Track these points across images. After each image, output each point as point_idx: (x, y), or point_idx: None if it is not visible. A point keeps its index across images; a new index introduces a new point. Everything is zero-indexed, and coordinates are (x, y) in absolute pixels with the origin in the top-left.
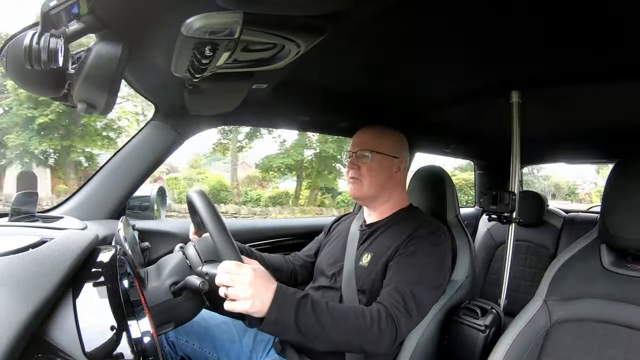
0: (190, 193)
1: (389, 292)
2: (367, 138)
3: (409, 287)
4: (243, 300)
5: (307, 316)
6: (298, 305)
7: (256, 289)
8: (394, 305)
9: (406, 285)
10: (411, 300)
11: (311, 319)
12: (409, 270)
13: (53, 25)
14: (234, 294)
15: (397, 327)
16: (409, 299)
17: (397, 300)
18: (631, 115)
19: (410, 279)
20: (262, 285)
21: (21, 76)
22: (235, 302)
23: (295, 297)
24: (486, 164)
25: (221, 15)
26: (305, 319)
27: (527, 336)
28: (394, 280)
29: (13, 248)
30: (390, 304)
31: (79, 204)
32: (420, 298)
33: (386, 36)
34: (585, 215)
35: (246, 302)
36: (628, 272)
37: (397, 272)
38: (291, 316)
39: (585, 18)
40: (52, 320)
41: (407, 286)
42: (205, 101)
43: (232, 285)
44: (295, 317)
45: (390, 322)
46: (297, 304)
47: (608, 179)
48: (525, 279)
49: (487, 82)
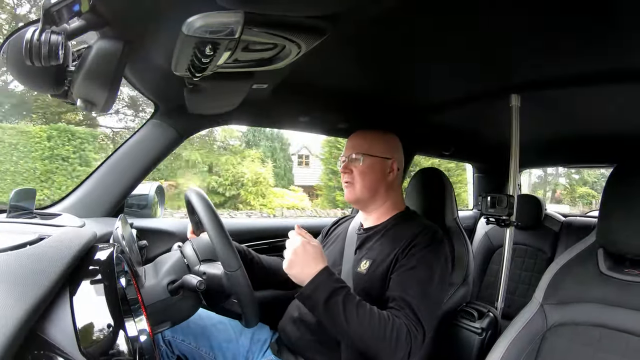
0: (189, 192)
1: (401, 306)
2: (357, 142)
3: (418, 303)
4: (294, 266)
5: (336, 304)
6: (332, 292)
7: (297, 258)
8: (410, 322)
9: (413, 301)
10: (423, 317)
11: (339, 308)
12: (414, 286)
13: (54, 21)
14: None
15: (413, 343)
16: (421, 316)
17: (411, 318)
18: (630, 119)
19: (417, 295)
20: (304, 259)
21: (22, 72)
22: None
23: (334, 284)
24: (485, 167)
25: (222, 15)
26: (334, 306)
27: (523, 340)
28: (404, 296)
29: (10, 245)
30: (407, 320)
31: (77, 202)
32: (427, 313)
33: (386, 38)
34: (583, 219)
35: (295, 268)
36: (625, 277)
37: (404, 287)
38: (322, 299)
39: (584, 21)
40: (49, 317)
41: (414, 302)
42: (205, 100)
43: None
44: (326, 301)
45: (408, 338)
46: (332, 291)
47: (606, 184)
48: (522, 282)
49: (486, 85)
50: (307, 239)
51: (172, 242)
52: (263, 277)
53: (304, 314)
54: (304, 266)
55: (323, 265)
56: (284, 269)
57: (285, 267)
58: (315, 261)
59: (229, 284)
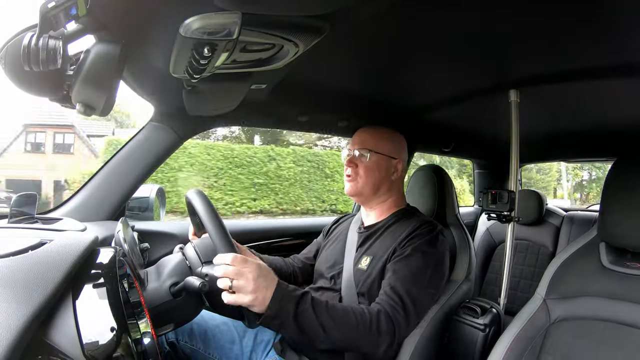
0: (190, 194)
1: (387, 293)
2: (366, 137)
3: (406, 287)
4: (245, 294)
5: (306, 313)
6: (298, 302)
7: (259, 284)
8: (392, 307)
9: (403, 286)
10: (409, 301)
11: (310, 316)
12: (406, 271)
13: (51, 26)
14: (238, 286)
15: (396, 328)
16: (407, 300)
17: (395, 301)
18: (630, 113)
19: (408, 279)
20: (264, 281)
21: (20, 77)
22: (237, 294)
23: (296, 293)
24: (485, 163)
25: (219, 16)
26: (304, 315)
27: (526, 335)
28: (392, 281)
29: (12, 250)
30: (389, 306)
31: (78, 206)
32: (417, 299)
33: (384, 35)
34: (584, 213)
35: (248, 295)
36: (627, 271)
37: (394, 273)
38: (290, 312)
39: (583, 16)
40: (52, 321)
41: (403, 287)
42: (204, 102)
43: (237, 278)
44: (295, 313)
45: (389, 324)
46: (297, 301)
47: (607, 177)
48: (524, 277)
49: (485, 81)
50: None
51: (174, 244)
52: None
53: None
54: (265, 288)
55: (275, 279)
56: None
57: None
58: (267, 279)
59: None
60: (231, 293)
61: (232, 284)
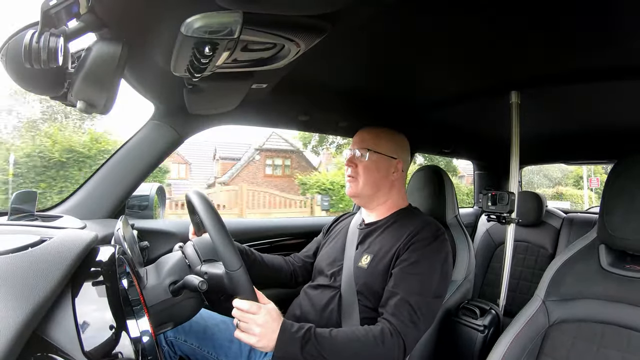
0: (190, 193)
1: (395, 305)
2: (366, 137)
3: (414, 298)
4: (251, 335)
5: (312, 349)
6: (302, 340)
7: (265, 329)
8: (399, 320)
9: (411, 296)
10: (417, 311)
11: (317, 351)
12: (414, 281)
13: (53, 24)
14: (245, 327)
15: (405, 340)
16: (415, 310)
17: (402, 313)
18: (630, 115)
19: (416, 290)
20: (271, 326)
21: (21, 75)
22: (246, 335)
23: (300, 332)
24: (485, 164)
25: (221, 15)
26: (310, 351)
27: (525, 336)
28: (399, 292)
29: (12, 247)
30: (395, 319)
31: (78, 203)
32: (426, 308)
33: (386, 36)
34: (584, 215)
35: (253, 337)
36: (627, 273)
37: (401, 282)
38: (297, 351)
39: (584, 18)
40: (51, 319)
41: (412, 297)
42: (205, 101)
43: (246, 321)
44: (302, 351)
45: (395, 337)
46: (302, 338)
47: (607, 179)
48: (524, 279)
49: (486, 82)
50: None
51: (174, 243)
52: (265, 276)
53: (306, 312)
54: (270, 333)
55: (280, 319)
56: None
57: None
58: (274, 320)
59: (230, 284)
60: (240, 331)
61: (241, 326)
